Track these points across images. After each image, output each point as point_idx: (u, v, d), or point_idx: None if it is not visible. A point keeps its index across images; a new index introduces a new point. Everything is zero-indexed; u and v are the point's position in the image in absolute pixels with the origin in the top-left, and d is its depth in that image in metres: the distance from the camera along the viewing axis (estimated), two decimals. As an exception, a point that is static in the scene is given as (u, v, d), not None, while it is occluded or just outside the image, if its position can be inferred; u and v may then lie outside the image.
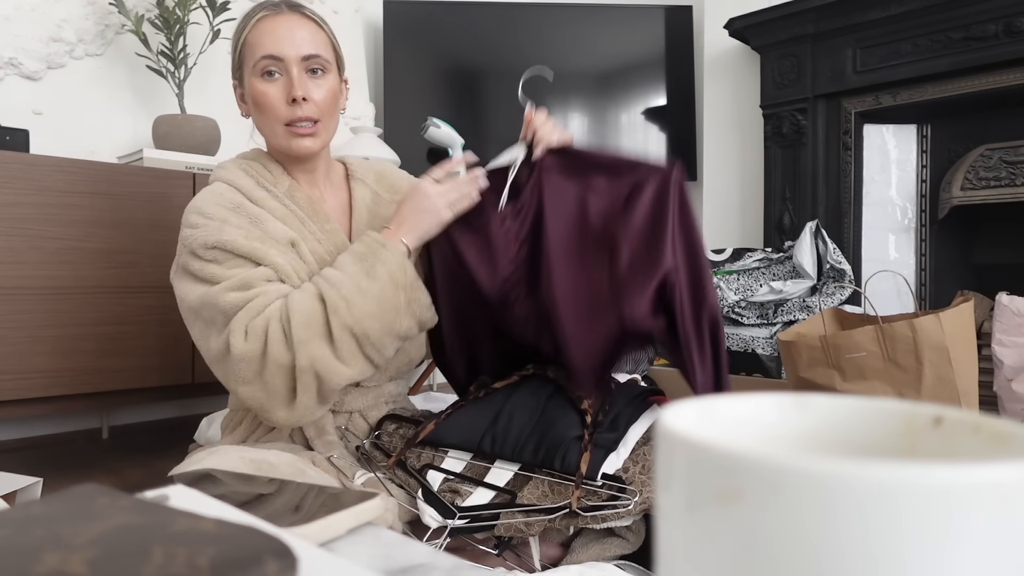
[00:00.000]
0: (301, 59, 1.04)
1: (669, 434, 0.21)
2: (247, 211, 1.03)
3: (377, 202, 1.19)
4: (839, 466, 0.17)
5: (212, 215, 1.01)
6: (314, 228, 1.07)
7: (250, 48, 1.06)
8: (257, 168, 1.09)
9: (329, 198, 1.17)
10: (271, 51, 1.03)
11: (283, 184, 1.09)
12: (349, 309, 0.94)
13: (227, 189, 1.06)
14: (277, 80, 1.04)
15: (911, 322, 1.32)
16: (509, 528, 0.93)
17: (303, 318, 0.94)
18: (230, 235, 0.98)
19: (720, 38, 2.47)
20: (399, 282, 0.98)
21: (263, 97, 1.04)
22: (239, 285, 0.97)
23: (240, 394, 0.97)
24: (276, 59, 1.03)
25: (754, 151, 2.43)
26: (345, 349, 0.95)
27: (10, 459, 1.77)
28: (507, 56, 2.53)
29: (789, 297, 1.81)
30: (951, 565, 0.17)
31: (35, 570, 0.28)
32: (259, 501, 0.55)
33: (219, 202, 1.03)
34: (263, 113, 1.06)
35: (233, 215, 1.02)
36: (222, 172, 1.09)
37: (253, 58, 1.04)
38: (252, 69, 1.05)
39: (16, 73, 1.94)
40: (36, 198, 1.54)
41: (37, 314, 1.54)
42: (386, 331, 0.98)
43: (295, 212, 1.07)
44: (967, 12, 1.87)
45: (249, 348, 0.94)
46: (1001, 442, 0.22)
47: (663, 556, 0.21)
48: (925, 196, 2.16)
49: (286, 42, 1.04)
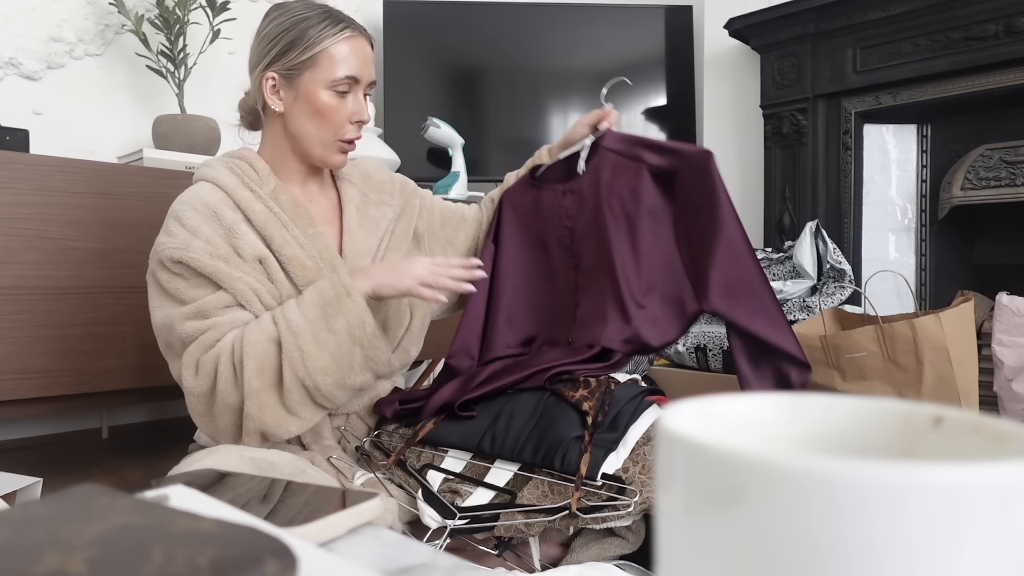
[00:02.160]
0: (368, 84, 1.11)
1: (669, 434, 0.21)
2: (223, 220, 1.04)
3: (365, 202, 1.20)
4: (840, 466, 0.17)
5: (187, 223, 1.02)
6: (297, 232, 1.07)
7: (331, 60, 1.06)
8: (244, 167, 1.09)
9: (322, 200, 1.17)
10: (356, 73, 1.08)
11: (269, 185, 1.09)
12: (304, 361, 0.96)
13: (210, 189, 1.06)
14: (346, 98, 1.09)
15: (911, 322, 1.32)
16: (509, 528, 0.93)
17: (256, 365, 0.95)
18: (196, 253, 1.00)
19: (720, 38, 2.47)
20: (357, 337, 0.99)
21: (332, 111, 1.07)
22: (195, 313, 0.99)
23: (196, 422, 1.02)
24: (356, 81, 1.08)
25: (754, 151, 2.43)
26: (295, 399, 0.97)
27: (10, 459, 1.77)
28: (507, 56, 2.53)
29: (789, 297, 1.81)
30: (952, 565, 0.17)
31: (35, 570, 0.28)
32: (259, 501, 0.55)
33: (197, 207, 1.04)
34: (323, 124, 1.08)
35: (207, 224, 1.03)
36: (207, 170, 1.10)
37: (333, 72, 1.06)
38: (325, 80, 1.06)
39: (16, 73, 1.94)
40: (36, 198, 1.54)
41: (37, 314, 1.54)
42: (338, 385, 0.99)
43: (278, 215, 1.07)
44: (967, 12, 1.87)
45: (199, 385, 0.98)
46: (1001, 442, 0.22)
47: (663, 556, 0.21)
48: (925, 196, 2.16)
49: (364, 67, 1.10)
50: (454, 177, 2.30)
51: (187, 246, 1.00)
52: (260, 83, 1.09)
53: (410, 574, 0.42)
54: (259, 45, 1.09)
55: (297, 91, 1.07)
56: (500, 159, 2.53)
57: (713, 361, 1.91)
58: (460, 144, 2.36)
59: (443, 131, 2.30)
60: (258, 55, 1.09)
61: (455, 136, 2.34)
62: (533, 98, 2.54)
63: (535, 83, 2.54)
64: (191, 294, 1.01)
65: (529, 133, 2.54)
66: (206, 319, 0.99)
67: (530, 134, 2.54)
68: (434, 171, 2.44)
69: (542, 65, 2.54)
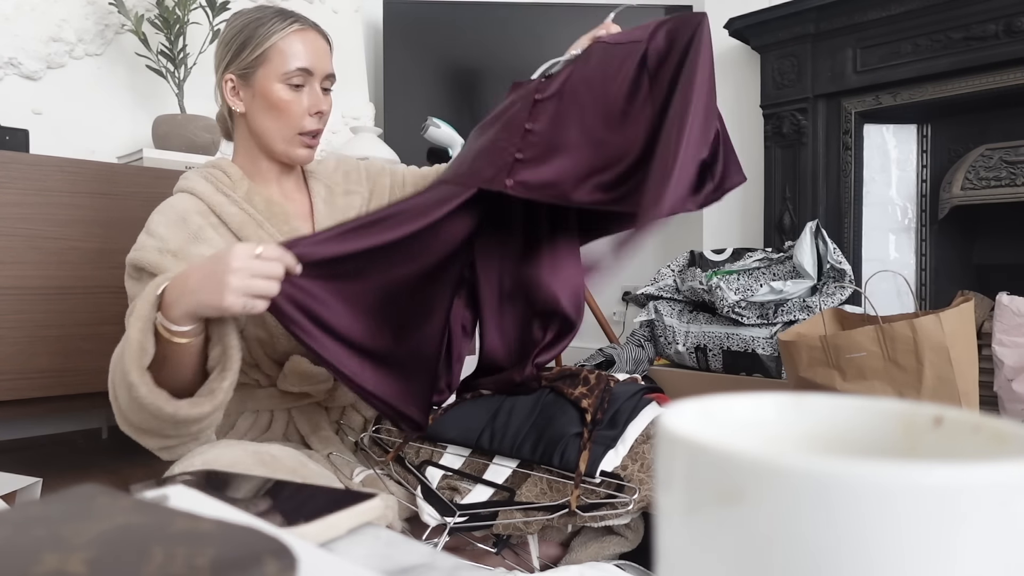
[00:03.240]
0: (324, 77, 1.12)
1: (669, 434, 0.21)
2: (189, 225, 1.05)
3: (332, 193, 1.20)
4: (840, 466, 0.17)
5: (151, 229, 1.04)
6: (272, 230, 1.09)
7: (281, 55, 1.08)
8: (217, 174, 1.12)
9: (296, 197, 1.19)
10: (307, 64, 1.09)
11: (242, 188, 1.11)
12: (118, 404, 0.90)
13: (184, 198, 1.09)
14: (301, 91, 1.10)
15: (911, 322, 1.32)
16: (508, 526, 0.93)
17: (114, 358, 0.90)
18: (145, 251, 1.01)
19: (720, 38, 2.47)
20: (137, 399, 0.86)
21: (287, 104, 1.09)
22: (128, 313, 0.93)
23: None
24: (308, 73, 1.09)
25: (754, 151, 2.43)
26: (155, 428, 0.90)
27: (10, 459, 1.77)
28: (507, 56, 2.53)
29: (789, 297, 1.81)
30: (953, 565, 0.17)
31: (35, 570, 0.28)
32: (259, 501, 0.55)
33: (166, 212, 1.06)
34: (281, 118, 1.10)
35: (170, 228, 1.04)
36: (184, 182, 1.12)
37: (284, 65, 1.08)
38: (277, 74, 1.08)
39: (16, 73, 1.94)
40: (36, 198, 1.54)
41: (37, 314, 1.54)
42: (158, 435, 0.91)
43: (252, 215, 1.09)
44: (967, 12, 1.87)
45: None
46: (1001, 442, 0.22)
47: (663, 556, 0.21)
48: (925, 196, 2.16)
49: (317, 59, 1.10)
50: (454, 177, 2.30)
51: (140, 247, 1.02)
52: (222, 87, 1.12)
53: (410, 574, 0.42)
54: (218, 50, 1.13)
55: (254, 89, 1.10)
56: (500, 159, 2.52)
57: (713, 361, 1.91)
58: (460, 144, 2.36)
59: (443, 131, 2.30)
60: (218, 60, 1.13)
61: (455, 136, 2.33)
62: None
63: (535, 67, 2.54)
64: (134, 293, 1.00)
65: (529, 133, 2.53)
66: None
67: (530, 134, 2.53)
68: (434, 171, 2.44)
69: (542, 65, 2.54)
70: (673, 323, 1.98)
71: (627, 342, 2.07)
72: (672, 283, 2.06)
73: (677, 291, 2.04)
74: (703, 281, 1.92)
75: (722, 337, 1.88)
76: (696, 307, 2.01)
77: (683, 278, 2.04)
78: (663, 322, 2.00)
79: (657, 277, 2.10)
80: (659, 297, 2.07)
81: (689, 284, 1.97)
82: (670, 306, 2.03)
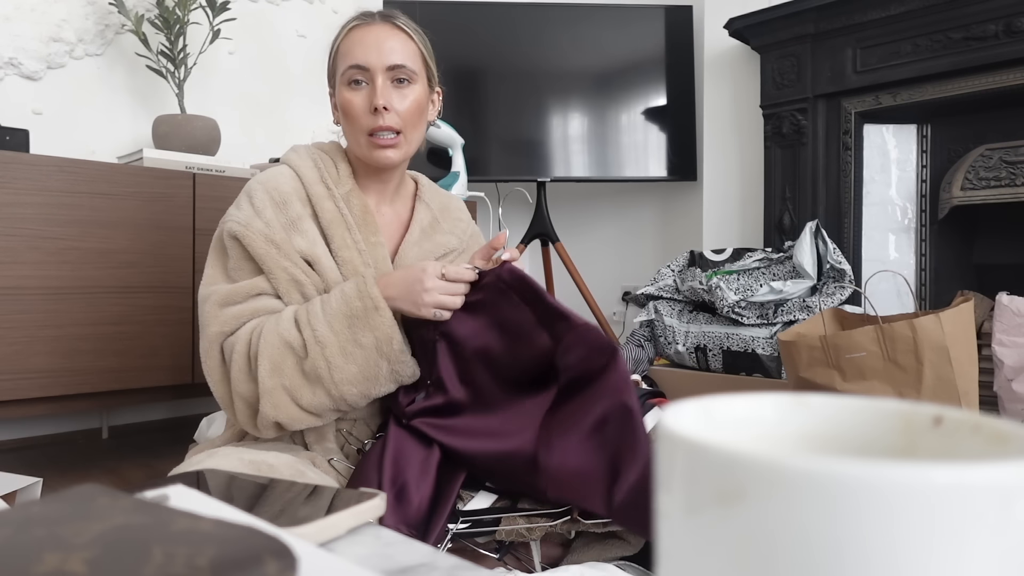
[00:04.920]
0: (386, 69, 1.07)
1: (669, 435, 0.21)
2: (289, 212, 1.05)
3: (434, 227, 1.19)
4: (840, 466, 0.17)
5: (255, 202, 1.05)
6: (359, 237, 1.07)
7: (341, 57, 1.08)
8: (326, 162, 1.11)
9: (388, 211, 1.17)
10: (359, 60, 1.06)
11: (345, 186, 1.10)
12: (331, 372, 0.96)
13: (289, 178, 1.08)
14: (363, 89, 1.07)
15: (911, 322, 1.32)
16: (510, 532, 0.93)
17: (269, 365, 0.96)
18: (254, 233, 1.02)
19: (720, 38, 2.47)
20: (384, 352, 0.97)
21: (348, 105, 1.07)
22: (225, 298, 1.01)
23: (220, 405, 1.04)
24: (363, 68, 1.06)
25: (754, 151, 2.43)
26: (317, 404, 0.97)
27: (10, 459, 1.77)
28: (507, 56, 2.53)
29: (789, 297, 1.81)
30: (953, 565, 0.17)
31: (35, 570, 0.28)
32: (259, 501, 0.55)
33: (270, 190, 1.06)
34: (349, 121, 1.09)
35: (272, 209, 1.04)
36: (293, 156, 1.12)
37: (343, 67, 1.07)
38: (341, 77, 1.08)
39: (16, 73, 1.94)
40: (36, 198, 1.54)
41: (37, 314, 1.54)
42: (363, 395, 0.99)
43: (345, 216, 1.07)
44: (967, 12, 1.87)
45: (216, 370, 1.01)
46: (1001, 442, 0.22)
47: (663, 557, 0.21)
48: (925, 196, 2.16)
49: (373, 52, 1.06)
50: (454, 177, 2.30)
51: (248, 224, 1.02)
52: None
53: (410, 574, 0.42)
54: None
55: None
56: (500, 159, 2.53)
57: (713, 361, 1.91)
58: (460, 144, 2.36)
59: (443, 131, 2.30)
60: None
61: (455, 136, 2.33)
62: (533, 98, 2.54)
63: (535, 83, 2.54)
64: (232, 275, 1.04)
65: (529, 133, 2.54)
66: (234, 305, 1.01)
67: (530, 134, 2.54)
68: (434, 171, 2.44)
69: (542, 65, 2.54)
70: (673, 323, 1.98)
71: (627, 342, 2.07)
72: (672, 283, 2.06)
73: (677, 291, 2.04)
74: (703, 281, 1.92)
75: (722, 337, 1.88)
76: (696, 307, 2.01)
77: (683, 278, 2.04)
78: (663, 322, 2.00)
79: (657, 277, 2.10)
80: (659, 297, 2.07)
81: (689, 284, 1.97)
82: (670, 306, 2.03)
